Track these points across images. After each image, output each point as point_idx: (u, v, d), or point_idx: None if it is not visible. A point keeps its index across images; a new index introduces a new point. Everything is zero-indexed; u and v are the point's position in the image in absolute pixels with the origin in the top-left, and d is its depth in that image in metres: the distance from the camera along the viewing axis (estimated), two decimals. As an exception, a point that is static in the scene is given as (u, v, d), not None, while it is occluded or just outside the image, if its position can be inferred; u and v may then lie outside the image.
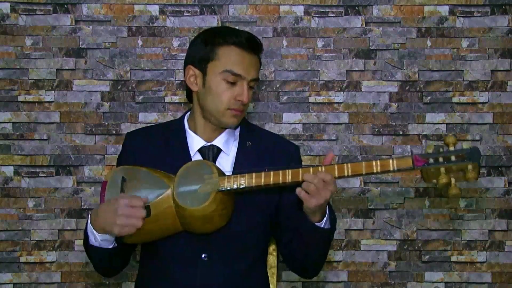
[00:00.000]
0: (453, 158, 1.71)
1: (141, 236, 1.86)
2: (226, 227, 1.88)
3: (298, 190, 1.77)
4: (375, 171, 1.75)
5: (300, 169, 1.78)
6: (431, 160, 1.72)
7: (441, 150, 1.74)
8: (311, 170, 1.77)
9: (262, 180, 1.79)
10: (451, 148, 1.72)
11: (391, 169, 1.75)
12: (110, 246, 1.87)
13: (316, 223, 1.83)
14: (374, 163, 1.75)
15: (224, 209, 1.82)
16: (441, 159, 1.71)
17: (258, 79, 1.98)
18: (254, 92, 2.05)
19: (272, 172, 1.80)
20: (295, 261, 2.03)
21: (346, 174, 1.77)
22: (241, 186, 1.80)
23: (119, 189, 1.85)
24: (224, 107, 1.93)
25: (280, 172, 1.79)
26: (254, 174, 1.80)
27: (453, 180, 1.72)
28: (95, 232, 1.83)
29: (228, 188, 1.80)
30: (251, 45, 1.94)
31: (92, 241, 1.86)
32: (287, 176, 1.79)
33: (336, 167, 1.77)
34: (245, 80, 1.92)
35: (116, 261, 1.96)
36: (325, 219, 1.85)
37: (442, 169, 1.71)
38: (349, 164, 1.77)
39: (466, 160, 1.70)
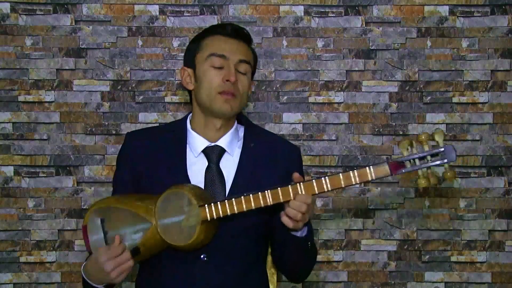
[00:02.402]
0: (429, 158, 1.70)
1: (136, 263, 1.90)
2: (225, 227, 1.88)
3: (284, 219, 1.77)
4: (354, 182, 1.73)
5: (279, 189, 1.76)
6: (408, 165, 1.70)
7: (415, 147, 1.71)
8: (290, 189, 1.75)
9: (244, 206, 1.78)
10: (425, 147, 1.70)
11: (369, 178, 1.73)
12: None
13: (292, 233, 1.85)
14: (351, 174, 1.73)
15: (211, 232, 1.84)
16: (417, 162, 1.70)
17: (249, 63, 1.98)
18: (253, 92, 2.06)
19: (252, 196, 1.78)
20: (282, 269, 2.07)
21: (325, 189, 1.75)
22: (224, 215, 1.79)
23: (101, 231, 1.86)
24: (215, 91, 1.93)
25: (260, 194, 1.78)
26: (234, 200, 1.79)
27: (430, 177, 1.71)
28: (96, 285, 1.86)
29: (211, 218, 1.79)
30: (234, 31, 1.98)
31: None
32: (268, 198, 1.77)
33: (314, 183, 1.75)
34: (230, 60, 1.94)
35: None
36: (300, 231, 1.86)
37: (420, 172, 1.71)
38: (327, 178, 1.75)
39: (442, 160, 1.70)
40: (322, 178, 1.75)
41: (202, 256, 1.90)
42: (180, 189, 1.83)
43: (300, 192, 1.75)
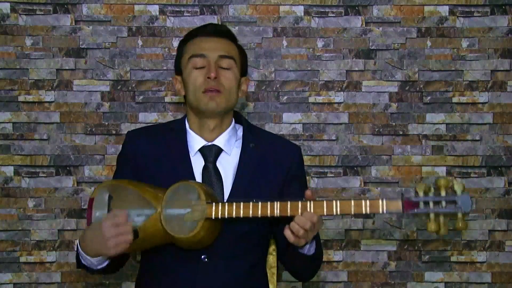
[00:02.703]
0: (443, 203, 1.68)
1: (133, 250, 1.88)
2: (227, 228, 1.88)
3: (286, 232, 1.76)
4: (364, 212, 1.72)
5: (288, 203, 1.75)
6: (421, 205, 1.69)
7: (431, 190, 1.69)
8: (299, 204, 1.74)
9: (250, 211, 1.77)
10: (443, 193, 1.68)
11: (380, 211, 1.72)
12: (105, 264, 1.88)
13: (299, 250, 1.86)
14: (363, 203, 1.72)
15: (212, 232, 1.83)
16: (431, 205, 1.69)
17: (231, 58, 1.98)
18: (253, 92, 2.06)
19: (260, 204, 1.77)
20: (289, 270, 2.09)
21: (334, 213, 1.74)
22: (228, 216, 1.78)
23: (106, 208, 1.84)
24: (199, 91, 1.95)
25: (269, 204, 1.76)
26: (242, 204, 1.78)
27: (441, 221, 1.70)
28: (88, 257, 1.84)
29: (216, 217, 1.78)
30: (211, 30, 2.01)
31: (88, 263, 1.86)
32: (275, 209, 1.76)
33: (324, 205, 1.74)
34: (211, 58, 1.95)
35: (113, 267, 1.97)
36: (307, 245, 1.85)
37: (432, 215, 1.69)
38: (338, 202, 1.74)
39: (456, 209, 1.68)
40: (333, 201, 1.74)
41: (203, 257, 1.90)
42: (192, 183, 1.84)
43: (308, 210, 1.74)
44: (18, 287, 3.05)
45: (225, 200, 1.91)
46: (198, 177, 1.94)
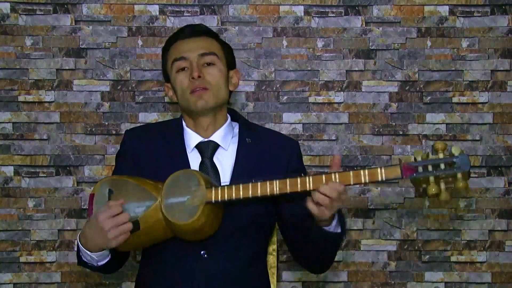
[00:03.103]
0: (442, 166, 1.68)
1: (134, 246, 1.87)
2: (226, 223, 1.88)
3: (309, 205, 1.73)
4: (363, 181, 1.72)
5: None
6: (420, 169, 1.68)
7: (429, 156, 1.70)
8: (299, 180, 1.74)
9: (250, 192, 1.77)
10: (440, 155, 1.68)
11: (379, 179, 1.72)
12: (107, 260, 1.88)
13: (324, 227, 1.82)
14: (362, 172, 1.72)
15: (214, 219, 1.82)
16: (430, 168, 1.68)
17: (213, 54, 1.99)
18: (253, 92, 2.07)
19: (259, 184, 1.76)
20: (302, 259, 2.03)
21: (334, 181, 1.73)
22: (230, 198, 1.78)
23: (107, 202, 1.84)
24: (187, 93, 1.97)
25: (268, 183, 1.76)
26: (241, 185, 1.78)
27: (442, 186, 1.68)
28: (89, 253, 1.84)
29: (216, 201, 1.78)
30: (189, 32, 2.03)
31: (89, 260, 1.87)
32: (275, 188, 1.75)
33: (324, 178, 1.72)
34: (192, 58, 1.97)
35: (114, 266, 1.97)
36: (334, 222, 1.83)
37: (431, 178, 1.68)
38: (336, 174, 1.73)
39: (455, 169, 1.67)
40: (332, 174, 1.73)
41: (202, 252, 1.90)
42: (191, 170, 1.85)
43: (308, 185, 1.73)
44: (18, 287, 3.05)
45: None
46: None
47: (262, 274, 2.05)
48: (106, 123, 3.06)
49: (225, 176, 1.96)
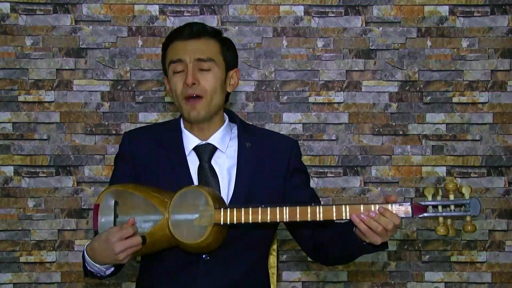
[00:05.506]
0: (452, 207, 1.70)
1: (137, 254, 1.88)
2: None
3: (363, 227, 1.74)
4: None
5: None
6: (430, 209, 1.70)
7: (439, 195, 1.71)
8: (333, 209, 1.76)
9: (259, 217, 1.78)
10: (451, 196, 1.70)
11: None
12: (112, 269, 1.89)
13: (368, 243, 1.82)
14: (372, 207, 1.74)
15: (219, 237, 1.83)
16: (440, 208, 1.70)
17: (210, 60, 1.95)
18: (253, 92, 2.06)
19: (269, 209, 1.78)
20: (321, 256, 2.02)
21: (344, 217, 1.76)
22: (239, 222, 1.78)
23: (112, 213, 1.83)
24: (181, 98, 1.94)
25: (278, 209, 1.78)
26: (251, 209, 1.78)
27: (449, 222, 1.71)
28: (98, 265, 1.85)
29: (225, 223, 1.78)
30: (187, 33, 1.98)
31: (97, 271, 1.87)
32: (284, 214, 1.78)
33: (334, 209, 1.76)
34: (188, 62, 1.94)
35: (118, 269, 1.97)
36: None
37: (441, 219, 1.70)
38: (347, 207, 1.76)
39: (465, 212, 1.70)
40: (343, 206, 1.77)
41: (204, 256, 1.89)
42: (199, 188, 1.83)
43: (318, 215, 1.77)
44: (18, 287, 3.05)
45: (226, 202, 1.91)
46: (194, 176, 1.94)
47: (264, 277, 2.05)
48: (106, 123, 3.06)
49: (224, 180, 1.96)
